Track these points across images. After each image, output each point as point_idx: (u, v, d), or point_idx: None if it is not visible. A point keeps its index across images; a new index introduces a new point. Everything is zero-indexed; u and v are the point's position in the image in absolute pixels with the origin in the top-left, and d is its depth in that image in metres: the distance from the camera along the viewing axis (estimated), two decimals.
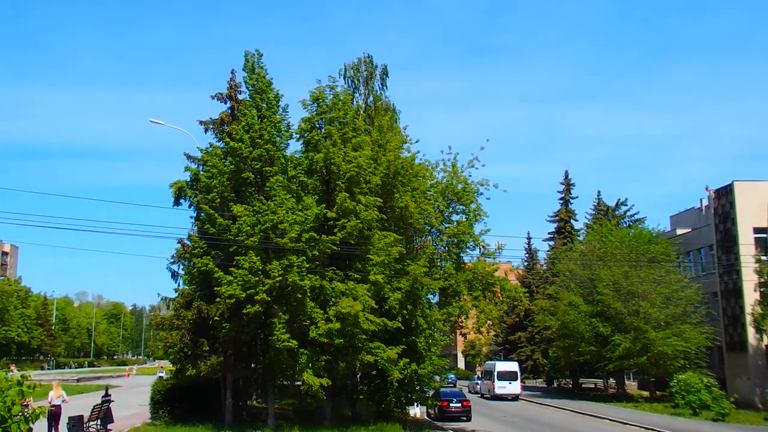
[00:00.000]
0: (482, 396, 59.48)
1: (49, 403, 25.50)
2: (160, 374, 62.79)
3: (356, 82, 42.95)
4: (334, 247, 28.12)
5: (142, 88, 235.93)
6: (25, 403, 23.46)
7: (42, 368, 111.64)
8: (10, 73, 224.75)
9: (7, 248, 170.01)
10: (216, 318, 27.91)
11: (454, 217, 34.65)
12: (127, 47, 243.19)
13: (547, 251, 72.40)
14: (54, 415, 25.17)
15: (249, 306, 26.48)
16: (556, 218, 72.37)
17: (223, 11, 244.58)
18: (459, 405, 39.16)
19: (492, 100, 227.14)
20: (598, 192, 74.62)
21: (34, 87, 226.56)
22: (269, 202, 27.76)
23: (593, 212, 72.09)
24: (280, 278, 26.58)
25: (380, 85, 43.49)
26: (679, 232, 59.74)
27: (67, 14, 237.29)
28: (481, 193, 34.27)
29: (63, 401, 26.31)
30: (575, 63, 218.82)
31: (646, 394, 55.75)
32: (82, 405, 33.00)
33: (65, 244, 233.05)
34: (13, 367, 38.02)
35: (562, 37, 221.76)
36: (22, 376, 5.93)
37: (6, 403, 5.26)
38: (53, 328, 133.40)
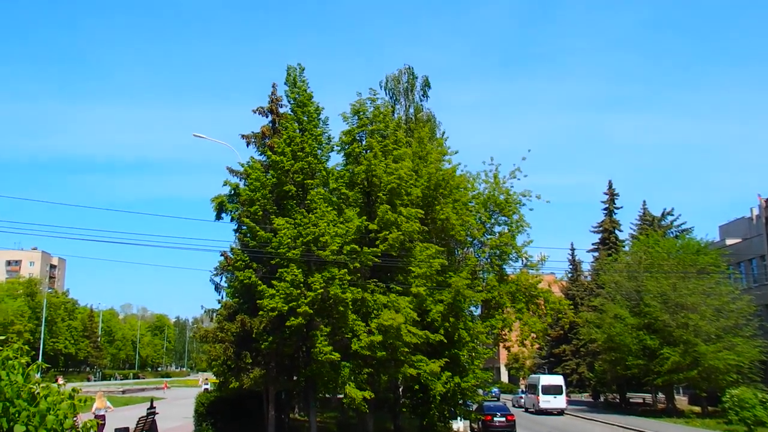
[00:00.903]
0: (527, 410, 58.60)
1: (93, 413, 26.72)
2: (205, 386, 63.39)
3: (397, 93, 42.96)
4: (376, 260, 27.97)
5: (185, 103, 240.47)
6: (76, 417, 24.52)
7: (88, 380, 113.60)
8: (56, 88, 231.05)
9: (55, 261, 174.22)
10: (259, 330, 27.93)
11: (497, 229, 34.33)
12: (170, 62, 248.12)
13: (592, 262, 71.25)
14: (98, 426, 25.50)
15: (291, 318, 26.44)
16: (600, 229, 71.22)
17: (265, 25, 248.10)
18: (503, 419, 38.54)
19: (533, 109, 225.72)
20: (644, 202, 73.49)
21: (79, 102, 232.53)
22: (310, 215, 27.75)
23: (639, 222, 70.74)
24: (322, 291, 26.49)
25: (421, 96, 43.47)
26: (729, 242, 58.21)
27: (111, 30, 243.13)
28: (524, 204, 33.91)
29: (108, 410, 27.73)
30: (617, 70, 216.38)
31: (697, 409, 54.18)
32: (128, 417, 33.38)
33: (111, 257, 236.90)
34: (60, 379, 38.60)
35: (603, 45, 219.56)
36: (73, 390, 5.86)
37: (59, 417, 5.20)
38: (99, 340, 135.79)
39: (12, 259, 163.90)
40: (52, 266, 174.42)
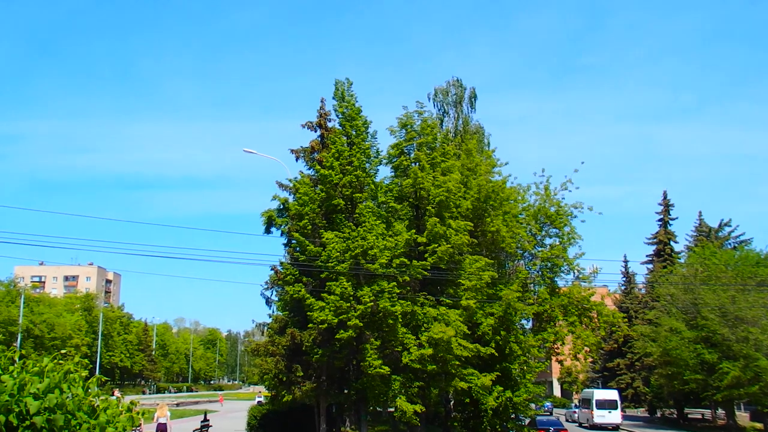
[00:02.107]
0: (581, 425, 57.52)
1: (155, 422, 28.86)
2: (259, 399, 64.04)
3: (445, 105, 42.93)
4: (425, 272, 27.89)
5: (236, 118, 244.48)
6: (138, 428, 25.59)
7: (143, 393, 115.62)
8: (110, 106, 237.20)
9: (110, 276, 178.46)
10: (309, 344, 28.09)
11: (547, 241, 33.89)
12: (219, 78, 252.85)
13: (646, 275, 69.73)
14: None
15: (341, 332, 26.52)
16: (655, 240, 69.72)
17: (313, 40, 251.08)
18: None
19: (585, 120, 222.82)
20: (699, 213, 71.49)
21: (132, 120, 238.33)
22: (359, 228, 27.86)
23: (694, 234, 69.01)
24: (372, 304, 26.52)
25: (469, 108, 43.34)
26: None
27: (161, 49, 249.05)
28: (575, 216, 33.40)
29: (168, 420, 29.37)
30: (670, 81, 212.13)
31: (759, 426, 52.39)
32: (183, 429, 33.88)
33: (164, 272, 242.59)
34: (116, 392, 39.60)
35: (656, 55, 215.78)
36: (131, 402, 5.97)
37: (118, 429, 5.29)
38: (153, 353, 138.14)
39: (70, 274, 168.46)
40: (108, 281, 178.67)
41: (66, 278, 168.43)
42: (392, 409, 32.15)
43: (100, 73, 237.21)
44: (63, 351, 6.07)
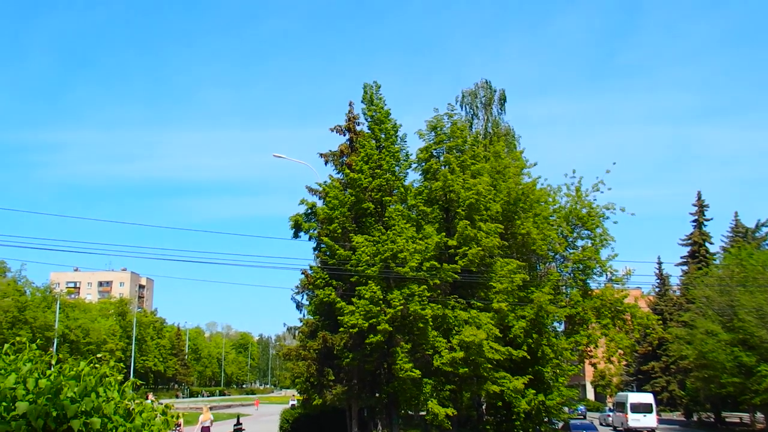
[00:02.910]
0: (615, 429, 56.79)
1: (200, 424, 30.52)
2: (293, 402, 64.46)
3: (474, 108, 42.74)
4: (456, 275, 27.78)
5: (265, 124, 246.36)
6: (178, 424, 26.57)
7: (177, 396, 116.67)
8: (145, 116, 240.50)
9: (143, 281, 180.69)
10: (340, 348, 28.13)
11: (579, 243, 33.59)
12: (249, 85, 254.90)
13: (680, 276, 68.70)
14: None
15: (371, 335, 26.51)
16: (689, 241, 68.70)
17: (340, 44, 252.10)
18: None
19: (617, 121, 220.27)
20: (735, 213, 70.26)
21: (166, 128, 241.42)
22: (389, 232, 27.82)
23: (730, 234, 67.82)
24: (402, 307, 26.47)
25: (498, 110, 43.09)
26: None
27: (193, 58, 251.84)
28: (607, 218, 33.07)
29: (211, 423, 30.98)
30: (705, 80, 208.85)
31: None
32: None
33: (196, 277, 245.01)
34: (150, 396, 40.23)
35: (690, 55, 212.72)
36: (166, 406, 6.01)
37: None
38: (186, 357, 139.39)
39: (104, 280, 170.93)
40: (141, 286, 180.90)
41: (100, 284, 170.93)
42: (424, 413, 32.08)
43: (135, 84, 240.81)
44: (99, 355, 6.13)
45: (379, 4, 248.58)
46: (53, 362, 5.71)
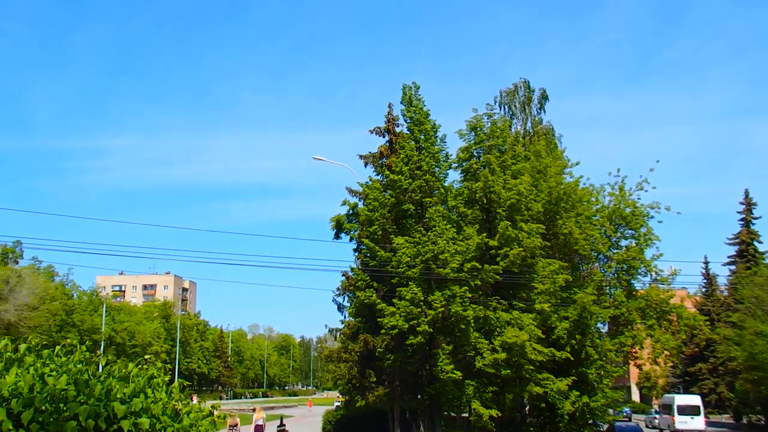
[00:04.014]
0: (661, 431, 55.82)
1: (254, 423, 32.87)
2: (337, 403, 64.99)
3: (513, 108, 42.35)
4: (497, 276, 27.58)
5: (305, 127, 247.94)
6: (234, 423, 28.60)
7: (221, 398, 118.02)
8: (188, 121, 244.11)
9: (186, 284, 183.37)
10: (381, 349, 28.14)
11: (623, 243, 33.03)
12: (288, 88, 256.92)
13: (728, 276, 67.12)
14: None
15: (412, 337, 26.45)
16: (737, 240, 67.16)
17: (379, 46, 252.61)
18: None
19: (661, 118, 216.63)
20: None
21: (207, 133, 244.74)
22: (429, 233, 27.74)
23: None
24: (443, 309, 26.37)
25: (538, 110, 42.62)
26: None
27: (233, 63, 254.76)
28: (652, 217, 32.44)
29: (264, 421, 33.29)
30: (751, 75, 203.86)
31: None
32: None
33: (238, 280, 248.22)
34: (195, 397, 40.95)
35: (735, 50, 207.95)
36: (213, 406, 6.08)
37: None
38: (229, 359, 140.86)
39: (148, 283, 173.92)
40: (184, 289, 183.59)
41: (144, 287, 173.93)
42: (466, 414, 31.91)
43: (175, 90, 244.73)
44: (147, 356, 6.22)
45: (417, 5, 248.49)
46: (102, 364, 5.81)
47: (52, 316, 74.69)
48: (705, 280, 71.06)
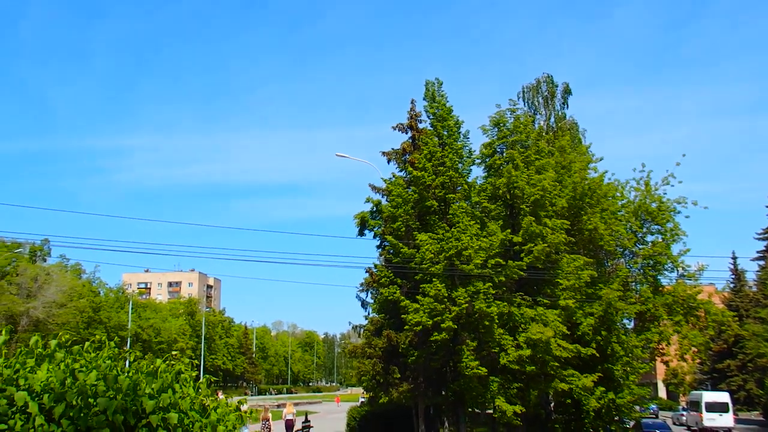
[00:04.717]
0: (689, 429, 55.24)
1: (284, 418, 35.82)
2: (362, 399, 65.40)
3: (536, 103, 42.07)
4: (521, 273, 27.44)
5: (327, 124, 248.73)
6: (266, 417, 30.31)
7: (245, 394, 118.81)
8: (213, 122, 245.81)
9: (211, 282, 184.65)
10: (405, 346, 28.14)
11: (649, 238, 32.64)
12: (310, 86, 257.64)
13: (757, 271, 66.28)
14: (288, 427, 35.02)
15: (436, 333, 26.41)
16: (766, 236, 66.29)
17: (401, 43, 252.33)
18: None
19: (685, 113, 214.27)
20: None
21: (228, 131, 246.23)
22: (453, 229, 27.66)
23: None
24: (467, 305, 26.29)
25: (561, 104, 42.29)
26: None
27: (253, 61, 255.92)
28: (679, 212, 32.01)
29: (294, 416, 35.73)
30: None
31: None
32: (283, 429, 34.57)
33: (262, 276, 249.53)
34: (220, 393, 41.58)
35: (758, 42, 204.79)
36: (239, 401, 6.14)
37: (228, 427, 5.45)
38: (254, 356, 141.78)
39: (173, 280, 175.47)
40: (209, 286, 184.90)
41: (170, 284, 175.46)
42: (491, 411, 31.82)
43: (194, 87, 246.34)
44: (174, 352, 6.28)
45: (437, 1, 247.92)
46: (130, 360, 5.87)
47: (80, 313, 75.66)
48: (733, 276, 70.24)
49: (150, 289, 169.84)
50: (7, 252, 67.94)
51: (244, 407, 5.95)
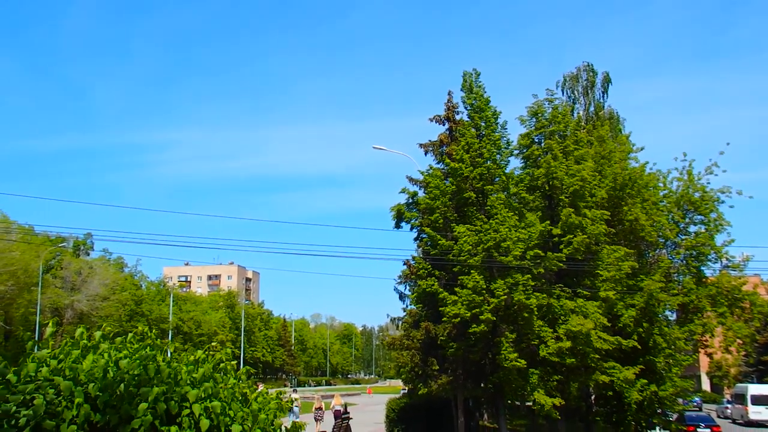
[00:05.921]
0: (733, 422, 54.35)
1: (332, 408, 38.12)
2: (403, 391, 65.81)
3: (575, 92, 41.56)
4: (561, 264, 27.14)
5: (364, 117, 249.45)
6: (319, 407, 32.06)
7: (285, 386, 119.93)
8: (252, 116, 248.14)
9: (250, 274, 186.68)
10: (443, 338, 28.06)
11: (692, 228, 32.03)
12: (347, 78, 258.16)
13: None
14: (336, 417, 36.07)
15: (474, 325, 26.29)
16: None
17: (438, 34, 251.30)
18: (707, 430, 35.97)
19: (729, 101, 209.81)
20: None
21: (267, 125, 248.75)
22: (491, 221, 27.46)
23: None
24: (506, 297, 26.11)
25: (601, 94, 41.72)
26: None
27: (291, 55, 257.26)
28: (723, 202, 31.33)
29: (342, 407, 37.38)
30: None
31: None
32: (324, 421, 34.82)
33: (300, 269, 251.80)
34: (260, 385, 42.32)
35: None
36: (279, 392, 6.23)
37: (269, 416, 5.54)
38: (293, 348, 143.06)
39: (212, 273, 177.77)
40: (248, 279, 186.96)
41: (209, 277, 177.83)
42: (530, 403, 31.64)
43: (236, 83, 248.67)
44: (213, 343, 6.36)
45: None
46: (171, 350, 5.96)
47: (122, 306, 77.20)
48: None
49: (190, 282, 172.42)
50: (52, 246, 69.59)
51: (296, 395, 6.03)
